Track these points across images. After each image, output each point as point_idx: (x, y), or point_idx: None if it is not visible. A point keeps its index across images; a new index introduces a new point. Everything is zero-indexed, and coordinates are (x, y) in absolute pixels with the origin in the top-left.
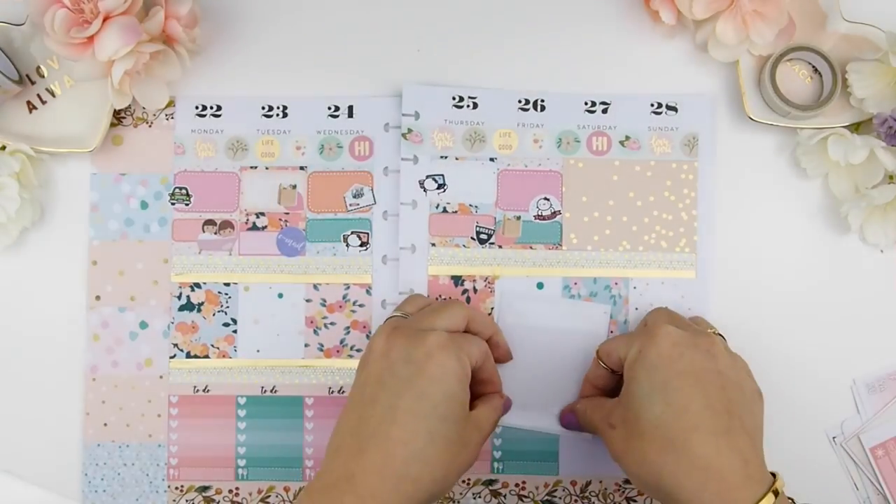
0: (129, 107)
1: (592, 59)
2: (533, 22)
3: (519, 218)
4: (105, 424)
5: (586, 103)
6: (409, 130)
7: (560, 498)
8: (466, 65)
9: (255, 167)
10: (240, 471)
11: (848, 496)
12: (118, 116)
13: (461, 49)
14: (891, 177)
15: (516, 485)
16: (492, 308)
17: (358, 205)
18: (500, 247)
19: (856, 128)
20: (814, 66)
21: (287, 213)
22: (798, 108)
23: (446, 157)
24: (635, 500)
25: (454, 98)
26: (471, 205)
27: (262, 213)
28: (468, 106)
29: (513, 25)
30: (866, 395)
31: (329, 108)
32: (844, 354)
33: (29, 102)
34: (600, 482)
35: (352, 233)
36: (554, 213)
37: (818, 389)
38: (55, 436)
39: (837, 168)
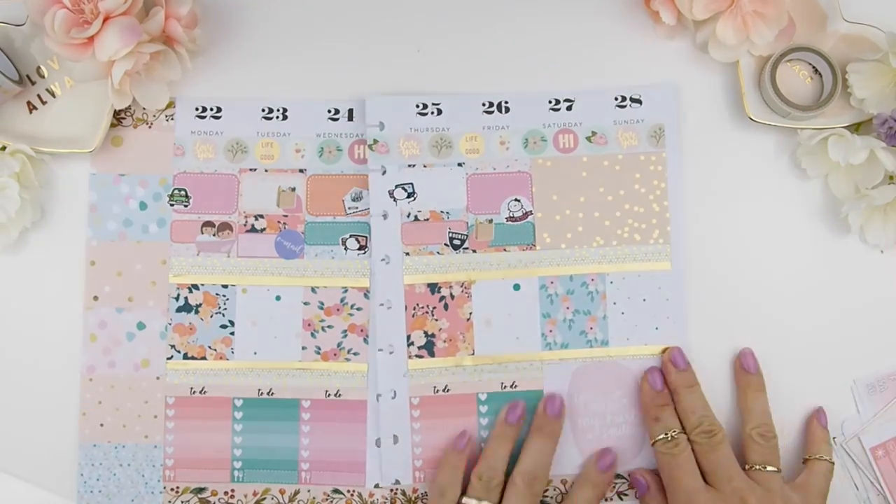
0: (130, 107)
1: (555, 57)
2: (494, 22)
3: (491, 221)
4: (101, 425)
5: (550, 101)
6: (375, 141)
7: (552, 497)
8: (435, 69)
9: (255, 169)
10: (235, 472)
11: (848, 496)
12: (118, 117)
13: (432, 53)
14: (891, 177)
15: None
16: (470, 313)
17: (357, 208)
18: (474, 251)
19: (856, 128)
20: (814, 66)
21: (286, 216)
22: (798, 108)
23: (414, 166)
24: (626, 495)
25: (418, 106)
26: (442, 211)
27: (261, 216)
28: (432, 113)
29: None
30: (866, 395)
31: (329, 111)
32: (844, 354)
33: (29, 103)
34: None
35: (350, 236)
36: (525, 214)
37: (818, 389)
38: (51, 436)
39: (837, 168)
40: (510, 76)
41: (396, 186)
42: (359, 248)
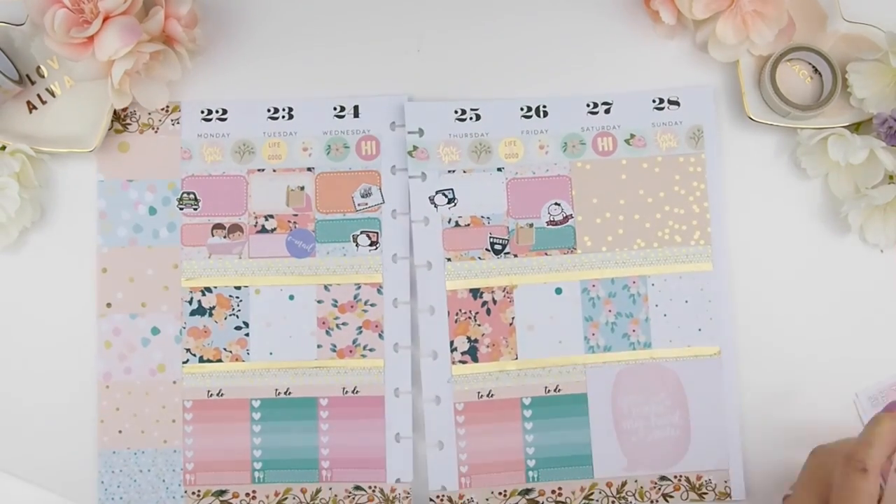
0: (135, 112)
1: (591, 61)
2: (530, 28)
3: (531, 225)
4: (120, 431)
5: (588, 105)
6: (415, 147)
7: (597, 500)
8: (467, 71)
9: (263, 170)
10: (256, 473)
11: None
12: (124, 123)
13: (462, 57)
14: (891, 177)
15: (553, 491)
16: (512, 318)
17: (366, 204)
18: (515, 256)
19: (856, 128)
20: (814, 66)
21: (296, 215)
22: (798, 108)
23: (454, 171)
24: (671, 496)
25: (456, 112)
26: (482, 216)
27: (271, 216)
28: (471, 118)
29: (510, 32)
30: (869, 407)
31: (335, 109)
32: (846, 357)
33: (29, 102)
34: (636, 481)
35: (361, 232)
36: (566, 218)
37: (818, 392)
38: (70, 444)
39: (837, 168)
40: (546, 80)
41: (437, 192)
42: (370, 245)
